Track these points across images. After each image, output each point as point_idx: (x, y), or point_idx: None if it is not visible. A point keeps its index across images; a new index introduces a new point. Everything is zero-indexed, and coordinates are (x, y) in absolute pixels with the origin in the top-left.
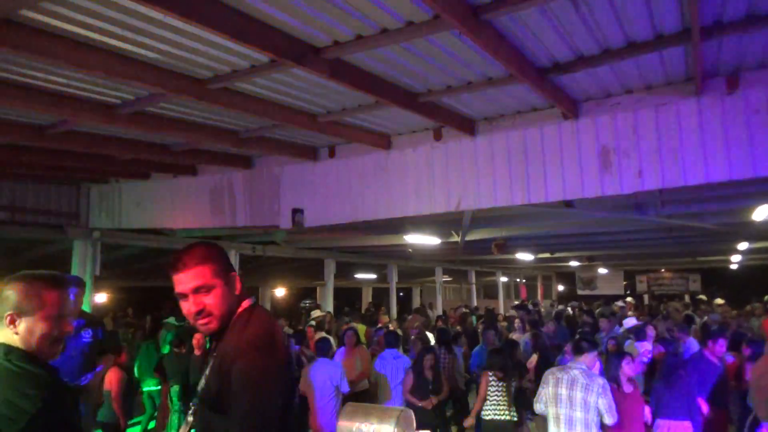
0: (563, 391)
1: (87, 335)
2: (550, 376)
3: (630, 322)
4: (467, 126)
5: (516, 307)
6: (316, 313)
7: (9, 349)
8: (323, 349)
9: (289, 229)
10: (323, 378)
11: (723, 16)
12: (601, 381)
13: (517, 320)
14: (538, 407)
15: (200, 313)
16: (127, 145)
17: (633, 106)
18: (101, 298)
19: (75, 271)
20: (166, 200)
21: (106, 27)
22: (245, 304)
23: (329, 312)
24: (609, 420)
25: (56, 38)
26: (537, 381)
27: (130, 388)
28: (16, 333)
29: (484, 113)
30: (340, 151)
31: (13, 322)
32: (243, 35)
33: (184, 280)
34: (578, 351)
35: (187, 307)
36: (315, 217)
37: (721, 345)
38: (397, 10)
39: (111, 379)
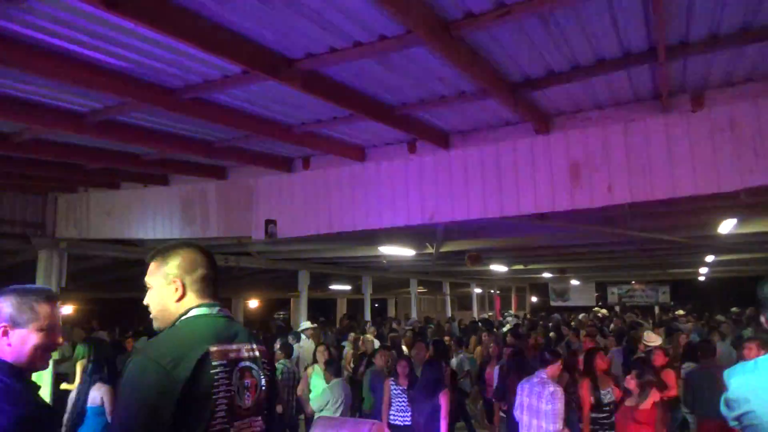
0: (525, 399)
1: None
2: (519, 386)
3: None
4: (441, 139)
5: (471, 323)
6: (306, 325)
7: None
8: None
9: (262, 241)
10: None
11: (687, 36)
12: (551, 389)
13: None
14: (516, 414)
15: (147, 308)
16: (96, 154)
17: (603, 122)
18: (67, 310)
19: (40, 282)
20: (137, 210)
21: (74, 35)
22: (191, 313)
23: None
24: (551, 427)
25: (24, 46)
26: None
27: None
28: (9, 344)
29: (458, 127)
30: (315, 163)
31: (6, 333)
32: (214, 46)
33: None
34: (542, 361)
35: None
36: (289, 228)
37: None
38: (369, 24)
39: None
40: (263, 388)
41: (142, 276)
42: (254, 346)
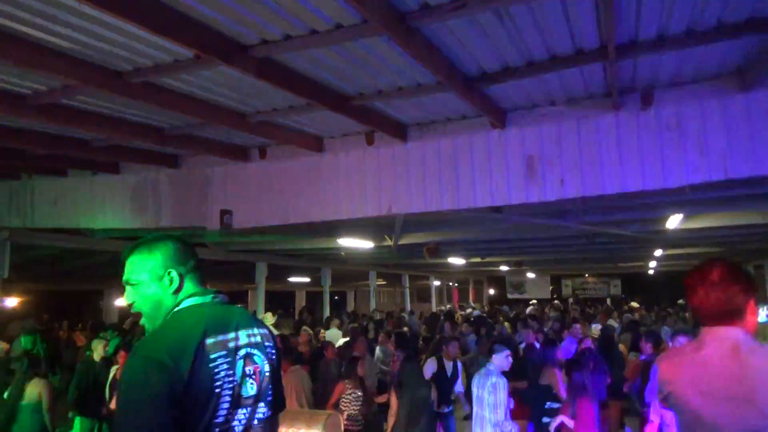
0: (474, 390)
1: None
2: (473, 378)
3: None
4: (399, 131)
5: (432, 315)
6: (269, 318)
7: None
8: None
9: (217, 231)
10: None
11: (637, 35)
12: (494, 380)
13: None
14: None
15: (132, 307)
16: (41, 139)
17: (556, 118)
18: (11, 302)
19: None
20: (85, 199)
21: (16, 12)
22: (183, 304)
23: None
24: (492, 417)
25: None
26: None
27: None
28: None
29: (415, 119)
30: (272, 153)
31: None
32: (164, 29)
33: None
34: (490, 351)
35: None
36: (245, 218)
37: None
38: (325, 12)
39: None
40: (267, 373)
41: (94, 267)
42: (256, 331)
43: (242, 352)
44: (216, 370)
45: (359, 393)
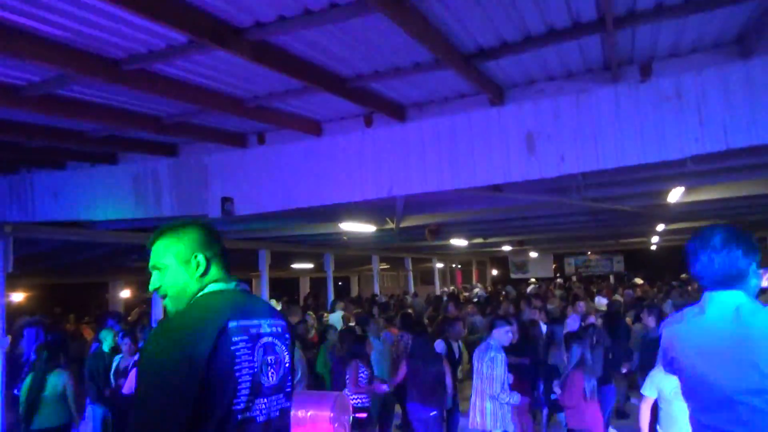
0: (474, 363)
1: None
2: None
3: None
4: (397, 112)
5: (436, 297)
6: (274, 304)
7: None
8: None
9: (218, 219)
10: None
11: (635, 5)
12: (492, 354)
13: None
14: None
15: (156, 291)
16: (37, 131)
17: (555, 93)
18: (17, 297)
19: None
20: (85, 190)
21: (5, 1)
22: (207, 289)
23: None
24: (489, 390)
25: None
26: None
27: None
28: None
29: (413, 99)
30: (270, 138)
31: None
32: (155, 12)
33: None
34: (489, 326)
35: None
36: (246, 205)
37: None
38: None
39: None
40: (287, 364)
41: (97, 259)
42: (277, 321)
43: (263, 340)
44: (237, 353)
45: (367, 370)
